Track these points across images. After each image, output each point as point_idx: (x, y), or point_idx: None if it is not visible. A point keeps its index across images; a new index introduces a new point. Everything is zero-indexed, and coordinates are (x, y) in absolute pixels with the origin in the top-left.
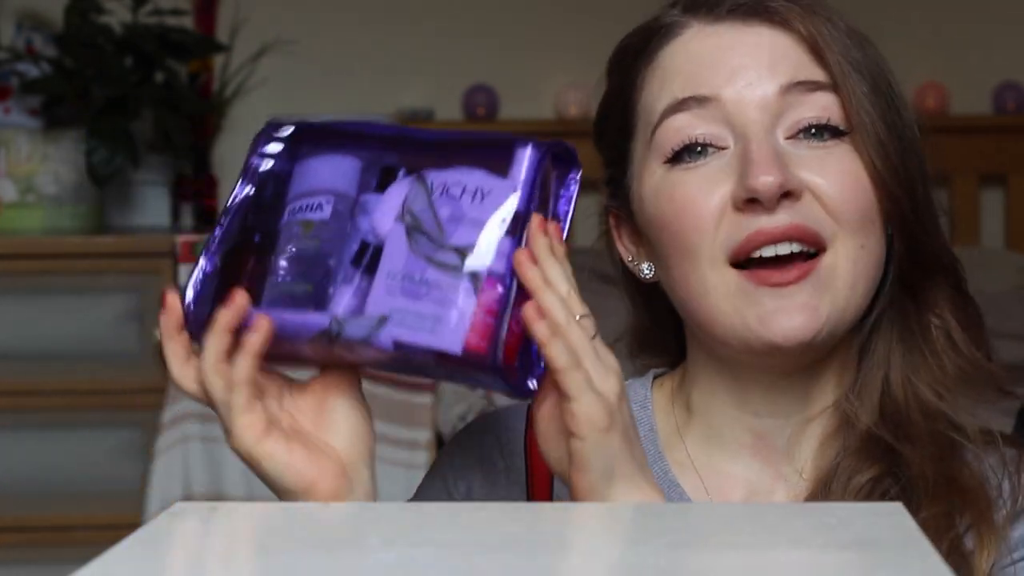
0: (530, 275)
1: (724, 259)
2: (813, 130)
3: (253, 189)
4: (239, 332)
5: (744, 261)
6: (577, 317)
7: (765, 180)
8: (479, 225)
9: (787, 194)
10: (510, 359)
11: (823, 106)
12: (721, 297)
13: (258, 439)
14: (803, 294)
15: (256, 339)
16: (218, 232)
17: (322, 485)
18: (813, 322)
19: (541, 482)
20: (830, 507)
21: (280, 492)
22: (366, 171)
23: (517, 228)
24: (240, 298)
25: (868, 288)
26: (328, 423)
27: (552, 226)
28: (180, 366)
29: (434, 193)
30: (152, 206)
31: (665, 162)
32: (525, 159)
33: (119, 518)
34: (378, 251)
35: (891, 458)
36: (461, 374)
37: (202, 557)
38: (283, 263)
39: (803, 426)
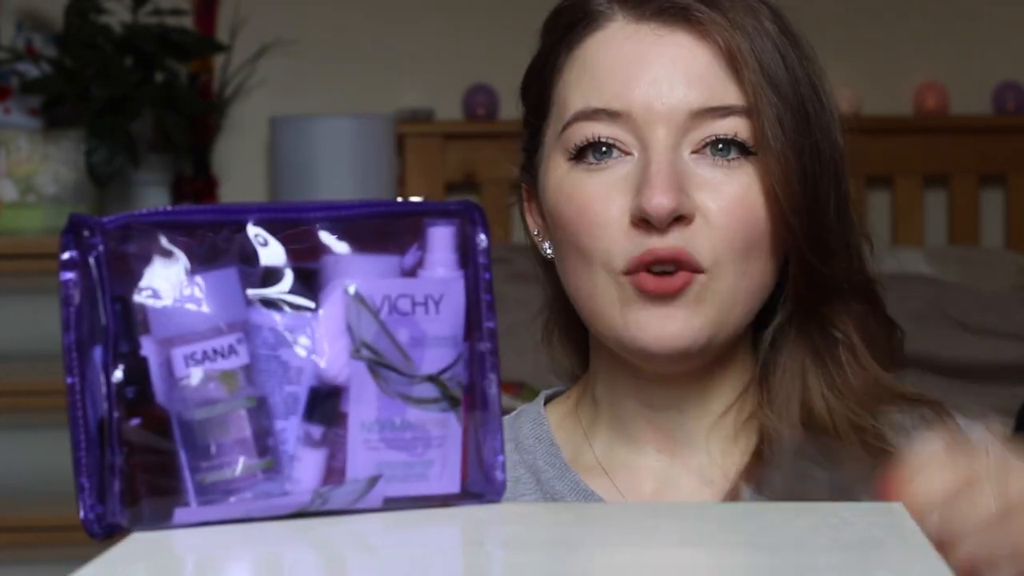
0: None
1: (616, 267)
2: (720, 145)
3: (103, 353)
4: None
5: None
6: None
7: (659, 204)
8: (444, 343)
9: (679, 218)
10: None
11: (733, 128)
12: (608, 301)
13: None
14: (681, 306)
15: None
16: (80, 437)
17: None
18: (687, 333)
19: None
20: (830, 507)
21: None
22: (243, 279)
23: (471, 325)
24: None
25: (749, 308)
26: None
27: None
28: None
29: (381, 311)
30: (152, 206)
31: (569, 159)
32: (450, 237)
33: None
34: (332, 396)
35: None
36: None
37: (203, 557)
38: (209, 443)
39: (701, 421)
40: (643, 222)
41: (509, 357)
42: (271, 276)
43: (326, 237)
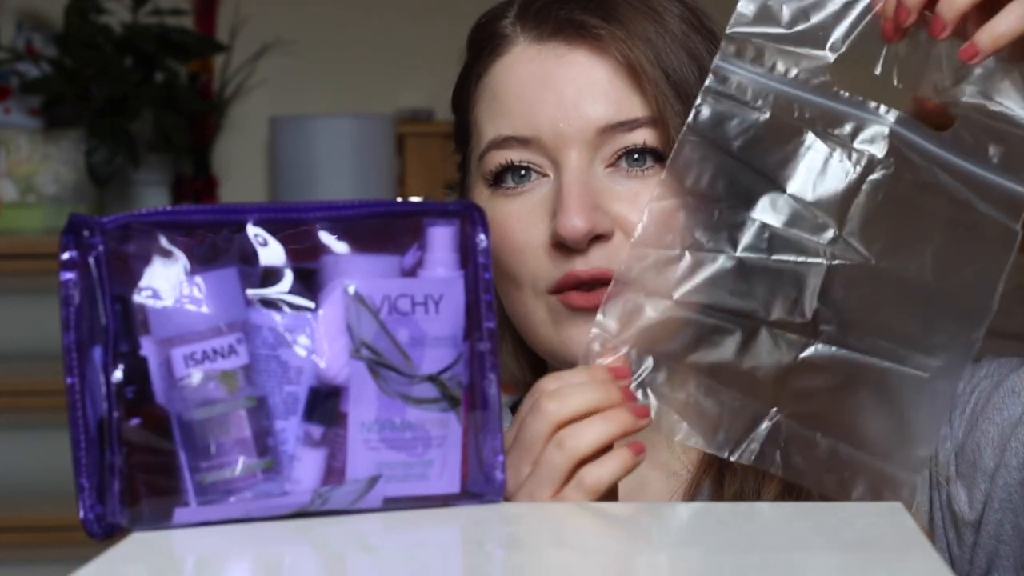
0: None
1: (541, 288)
2: (635, 155)
3: (102, 353)
4: None
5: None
6: None
7: (573, 226)
8: (443, 343)
9: (599, 237)
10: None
11: (642, 139)
12: (539, 321)
13: None
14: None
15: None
16: (80, 437)
17: None
18: None
19: None
20: (830, 507)
21: None
22: (242, 279)
23: (470, 324)
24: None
25: None
26: None
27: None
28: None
29: (381, 311)
30: (152, 206)
31: (489, 186)
32: (450, 237)
33: None
34: (332, 396)
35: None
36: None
37: (203, 557)
38: (209, 442)
39: None
40: (562, 245)
41: None
42: (271, 276)
43: (326, 237)
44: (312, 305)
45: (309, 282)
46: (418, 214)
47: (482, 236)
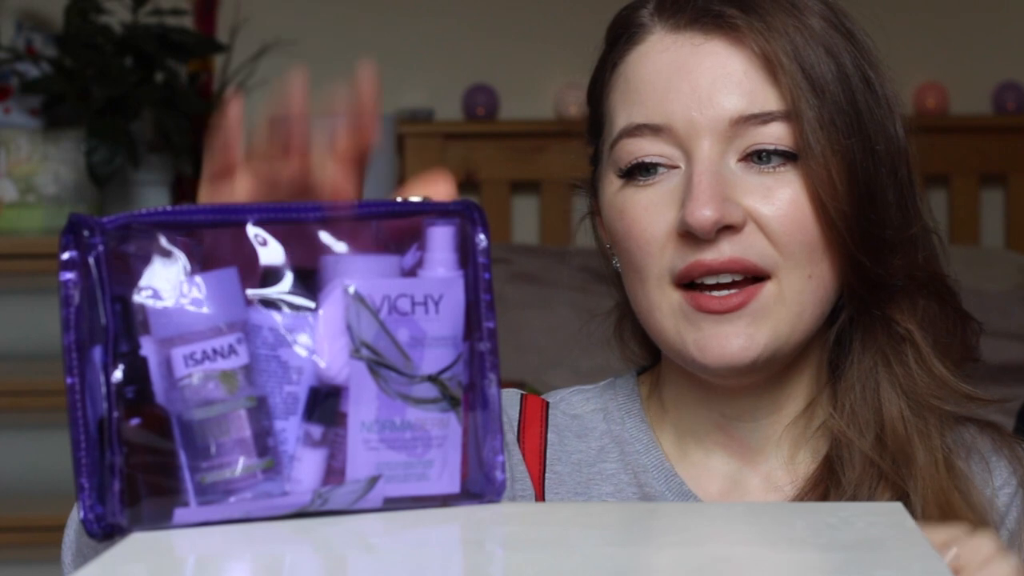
0: None
1: (669, 280)
2: (763, 154)
3: (101, 353)
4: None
5: (688, 283)
6: None
7: (702, 216)
8: (443, 342)
9: (728, 227)
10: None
11: (776, 136)
12: (665, 316)
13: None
14: (741, 322)
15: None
16: (80, 438)
17: None
18: (749, 351)
19: (534, 473)
20: (830, 507)
21: None
22: (243, 278)
23: (470, 324)
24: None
25: (818, 313)
26: None
27: None
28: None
29: (381, 311)
30: (152, 206)
31: (620, 176)
32: (450, 237)
33: None
34: (332, 396)
35: (897, 488)
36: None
37: (203, 557)
38: (209, 443)
39: (774, 428)
40: (690, 235)
41: (509, 356)
42: (271, 276)
43: (326, 237)
44: (312, 305)
45: (309, 282)
46: (418, 214)
47: (482, 236)
